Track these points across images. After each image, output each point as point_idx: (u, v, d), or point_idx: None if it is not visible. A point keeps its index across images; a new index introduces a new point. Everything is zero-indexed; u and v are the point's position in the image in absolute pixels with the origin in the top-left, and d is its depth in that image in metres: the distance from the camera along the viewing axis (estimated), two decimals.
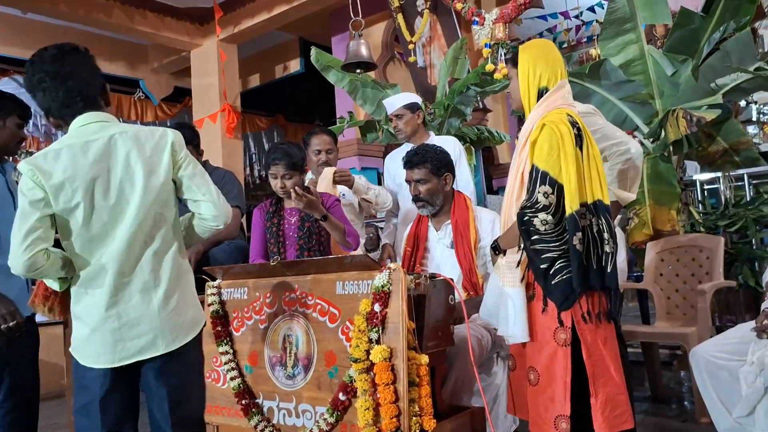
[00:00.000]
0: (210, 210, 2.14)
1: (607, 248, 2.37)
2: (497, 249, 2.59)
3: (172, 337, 2.06)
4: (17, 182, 2.44)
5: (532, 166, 2.41)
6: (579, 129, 2.41)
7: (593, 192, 2.39)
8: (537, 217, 2.34)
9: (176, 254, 2.13)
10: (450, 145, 4.07)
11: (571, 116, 2.43)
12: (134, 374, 2.09)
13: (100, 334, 2.00)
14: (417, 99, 4.26)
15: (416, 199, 3.35)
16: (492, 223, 3.28)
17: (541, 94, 2.51)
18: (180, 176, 2.13)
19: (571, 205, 2.33)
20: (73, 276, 2.10)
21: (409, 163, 3.35)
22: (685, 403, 4.19)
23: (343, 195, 3.96)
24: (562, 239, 2.36)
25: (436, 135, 4.81)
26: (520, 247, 2.45)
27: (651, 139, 4.74)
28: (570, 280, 2.33)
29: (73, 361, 2.08)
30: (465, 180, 4.04)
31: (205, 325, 2.30)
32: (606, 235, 2.37)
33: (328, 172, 3.84)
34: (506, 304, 2.47)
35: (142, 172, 2.04)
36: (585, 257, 2.34)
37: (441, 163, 3.33)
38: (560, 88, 2.52)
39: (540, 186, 2.35)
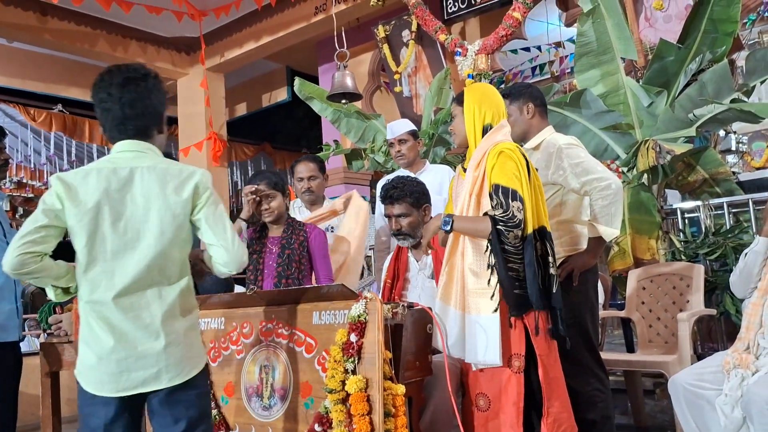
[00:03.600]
0: (223, 256, 2.14)
1: (551, 270, 2.55)
2: (450, 226, 2.61)
3: (177, 372, 2.05)
4: (7, 210, 2.45)
5: (497, 185, 2.54)
6: (527, 160, 2.62)
7: (539, 218, 2.57)
8: (512, 232, 2.49)
9: (184, 290, 2.14)
10: (445, 173, 4.14)
11: (518, 148, 2.64)
12: (139, 403, 2.09)
13: (105, 363, 2.00)
14: (416, 127, 4.31)
15: (398, 233, 3.32)
16: None
17: (485, 130, 2.70)
18: (198, 218, 2.14)
19: (531, 224, 2.52)
20: (74, 291, 2.12)
21: (389, 198, 3.31)
22: (668, 431, 4.18)
23: (332, 228, 3.97)
24: (522, 256, 2.52)
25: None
26: (489, 266, 2.54)
27: (626, 168, 4.79)
28: (526, 296, 2.49)
29: (78, 386, 2.08)
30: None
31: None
32: (550, 259, 2.55)
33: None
34: (473, 331, 2.51)
35: (158, 210, 2.06)
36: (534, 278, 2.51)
37: (420, 195, 3.33)
38: (503, 127, 2.73)
39: (513, 201, 2.50)
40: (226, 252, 2.14)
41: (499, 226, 2.50)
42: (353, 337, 2.37)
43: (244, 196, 3.45)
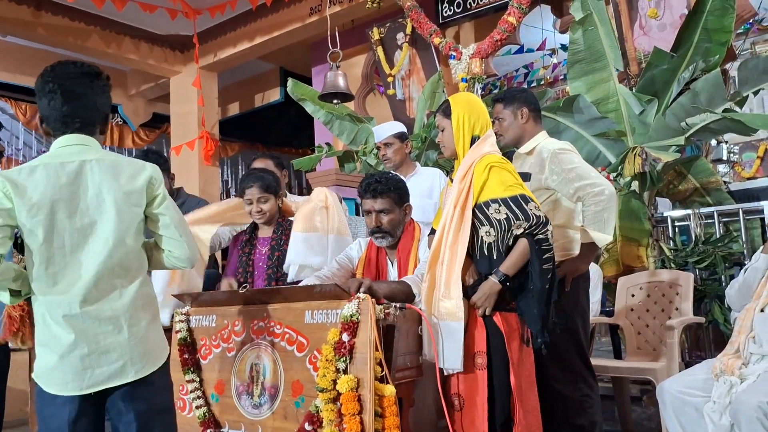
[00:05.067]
0: (184, 251, 2.15)
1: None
2: (508, 280, 2.58)
3: (141, 365, 2.03)
4: None
5: (505, 199, 2.58)
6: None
7: None
8: (547, 231, 2.57)
9: (143, 283, 2.12)
10: (436, 176, 4.09)
11: (504, 159, 2.72)
12: (101, 400, 2.05)
13: (68, 361, 1.96)
14: (404, 129, 4.23)
15: (377, 230, 3.08)
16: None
17: (473, 141, 2.74)
18: (159, 212, 2.13)
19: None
20: (25, 293, 2.08)
21: (372, 191, 3.06)
22: None
23: None
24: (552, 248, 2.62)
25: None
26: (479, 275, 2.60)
27: (614, 174, 4.82)
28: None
29: (36, 388, 2.03)
30: None
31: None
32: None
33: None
34: (446, 337, 2.56)
35: (112, 202, 2.04)
36: None
37: (403, 193, 3.15)
38: (489, 137, 2.77)
39: (527, 205, 2.56)
40: (188, 247, 2.15)
41: (537, 236, 2.55)
42: (345, 337, 2.36)
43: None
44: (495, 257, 2.60)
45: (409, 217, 3.19)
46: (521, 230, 2.55)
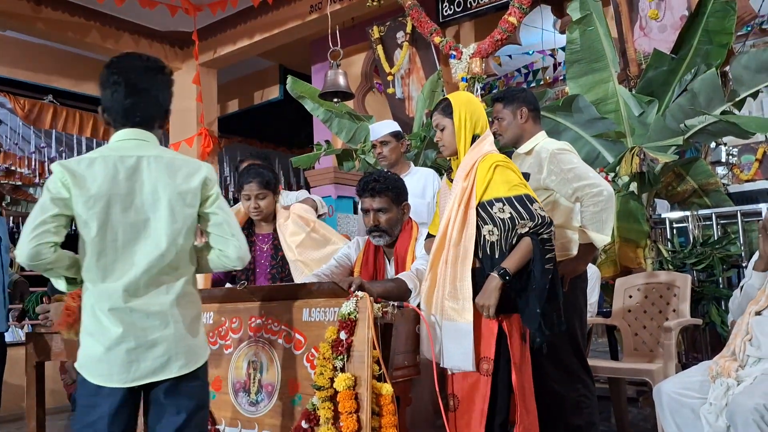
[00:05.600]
0: (236, 251, 2.14)
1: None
2: (508, 276, 2.54)
3: (185, 361, 2.05)
4: None
5: (506, 198, 2.58)
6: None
7: None
8: (551, 231, 2.56)
9: (190, 281, 2.14)
10: (430, 176, 4.08)
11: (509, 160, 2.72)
12: (143, 391, 2.07)
13: (114, 353, 1.98)
14: (400, 128, 4.22)
15: (375, 229, 3.09)
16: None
17: (474, 139, 2.73)
18: (212, 212, 2.14)
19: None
20: (82, 282, 2.09)
21: (370, 190, 3.08)
22: None
23: None
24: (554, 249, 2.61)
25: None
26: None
27: (612, 175, 4.82)
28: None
29: (79, 378, 2.05)
30: None
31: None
32: None
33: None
34: (450, 337, 2.55)
35: (167, 201, 2.05)
36: None
37: (401, 192, 3.16)
38: (488, 136, 2.78)
39: (532, 205, 2.56)
40: (239, 246, 2.15)
41: (542, 236, 2.54)
42: (343, 335, 2.36)
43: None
44: (497, 256, 2.57)
45: (407, 216, 3.19)
46: (526, 229, 2.53)
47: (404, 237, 3.13)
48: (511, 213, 2.56)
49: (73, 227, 2.06)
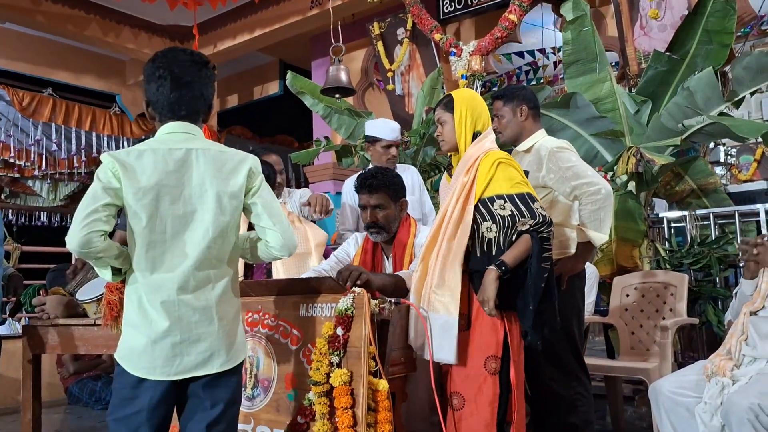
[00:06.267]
0: (278, 240, 2.14)
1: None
2: (505, 267, 2.53)
3: (227, 357, 2.06)
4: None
5: (507, 195, 2.57)
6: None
7: None
8: (551, 231, 2.56)
9: (234, 277, 2.15)
10: (415, 173, 4.15)
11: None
12: (185, 385, 2.07)
13: (159, 347, 1.98)
14: None
15: (372, 225, 3.11)
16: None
17: (474, 137, 2.73)
18: (252, 202, 2.14)
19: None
20: (127, 272, 2.09)
21: (368, 186, 3.11)
22: None
23: None
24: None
25: (408, 164, 4.86)
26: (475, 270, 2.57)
27: (611, 174, 4.83)
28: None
29: (118, 368, 2.05)
30: (429, 207, 4.09)
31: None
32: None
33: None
34: (437, 330, 2.54)
35: (214, 193, 2.06)
36: None
37: (399, 188, 3.18)
38: (489, 134, 2.77)
39: (533, 204, 2.55)
40: (282, 236, 2.15)
41: (542, 234, 2.53)
42: (339, 331, 2.37)
43: None
44: (495, 253, 2.56)
45: (405, 212, 3.20)
46: (527, 227, 2.53)
47: (403, 233, 3.14)
48: (512, 210, 2.55)
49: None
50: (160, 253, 2.01)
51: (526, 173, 2.91)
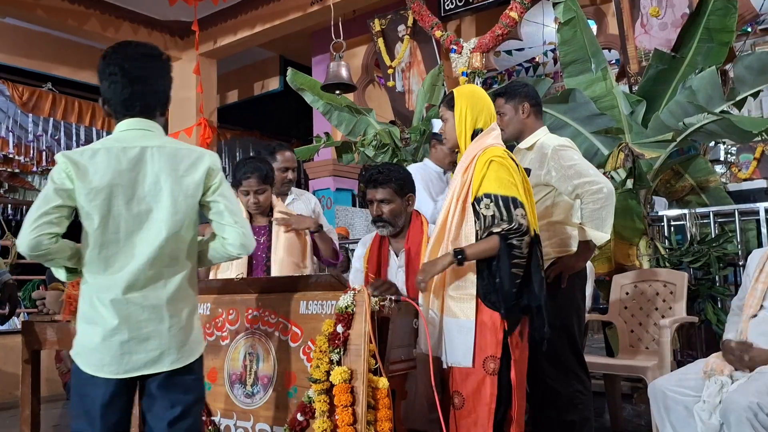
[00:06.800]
0: (238, 237, 2.12)
1: (541, 273, 2.59)
2: (461, 256, 2.55)
3: (178, 356, 2.04)
4: None
5: (496, 196, 2.54)
6: (517, 165, 2.64)
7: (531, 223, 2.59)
8: (523, 240, 2.50)
9: (190, 275, 2.14)
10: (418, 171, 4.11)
11: (507, 152, 2.65)
12: (135, 385, 2.07)
13: (108, 344, 1.97)
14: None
15: (378, 219, 3.15)
16: None
17: (475, 134, 2.71)
18: (213, 200, 2.12)
19: (533, 226, 2.55)
20: (82, 271, 2.08)
21: (373, 181, 3.15)
22: None
23: None
24: (529, 260, 2.55)
25: (411, 161, 4.86)
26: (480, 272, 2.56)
27: (603, 170, 4.83)
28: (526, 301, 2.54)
29: (73, 366, 2.05)
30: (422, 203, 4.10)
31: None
32: (541, 262, 2.61)
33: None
34: (451, 334, 2.56)
35: (169, 191, 2.04)
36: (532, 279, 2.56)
37: (405, 183, 3.19)
38: (492, 130, 2.73)
39: (515, 209, 2.51)
40: (243, 233, 2.13)
41: (511, 241, 2.50)
42: (340, 328, 2.37)
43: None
44: None
45: (412, 207, 3.22)
46: (499, 230, 2.51)
47: (415, 233, 3.15)
48: (494, 211, 2.54)
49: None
50: (114, 253, 2.00)
51: (528, 171, 2.91)
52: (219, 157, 2.18)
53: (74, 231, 2.06)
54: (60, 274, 2.12)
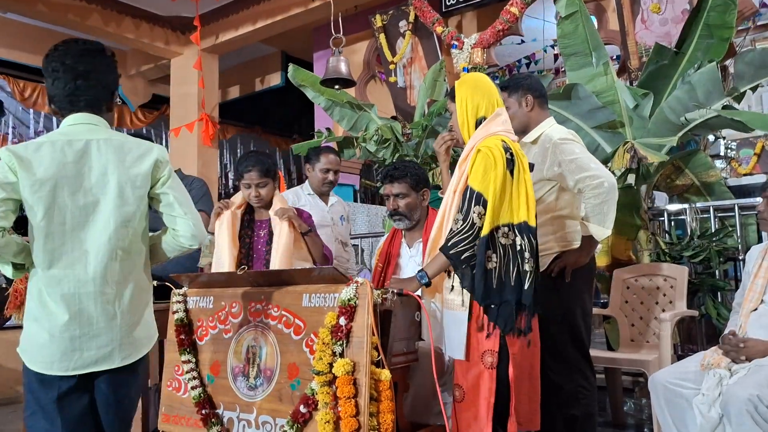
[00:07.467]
0: (189, 228, 2.12)
1: (526, 267, 2.49)
2: (428, 283, 2.59)
3: (128, 352, 2.04)
4: None
5: (467, 187, 2.52)
6: (512, 154, 2.54)
7: (520, 214, 2.51)
8: (469, 236, 2.47)
9: (142, 269, 2.13)
10: None
11: (505, 142, 2.56)
12: (89, 381, 2.05)
13: (58, 341, 1.95)
14: None
15: (394, 213, 3.31)
16: None
17: (479, 123, 2.65)
18: (162, 192, 2.12)
19: (487, 226, 2.45)
20: (29, 267, 2.06)
21: (389, 176, 3.32)
22: (645, 429, 4.24)
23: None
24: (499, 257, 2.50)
25: (413, 156, 4.88)
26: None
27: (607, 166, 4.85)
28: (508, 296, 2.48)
29: (23, 363, 2.02)
30: None
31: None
32: (527, 255, 2.49)
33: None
34: (449, 326, 2.57)
35: (116, 183, 2.03)
36: (504, 273, 2.47)
37: (420, 178, 3.33)
38: (497, 116, 2.65)
39: (474, 207, 2.47)
40: (193, 224, 2.13)
41: (452, 244, 2.47)
42: (342, 321, 2.38)
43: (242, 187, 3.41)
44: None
45: (427, 202, 3.36)
46: (450, 229, 2.53)
47: (430, 226, 3.16)
48: (459, 205, 2.54)
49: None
50: (60, 245, 1.99)
51: (531, 166, 2.86)
52: (217, 153, 2.19)
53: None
54: (6, 270, 2.10)
